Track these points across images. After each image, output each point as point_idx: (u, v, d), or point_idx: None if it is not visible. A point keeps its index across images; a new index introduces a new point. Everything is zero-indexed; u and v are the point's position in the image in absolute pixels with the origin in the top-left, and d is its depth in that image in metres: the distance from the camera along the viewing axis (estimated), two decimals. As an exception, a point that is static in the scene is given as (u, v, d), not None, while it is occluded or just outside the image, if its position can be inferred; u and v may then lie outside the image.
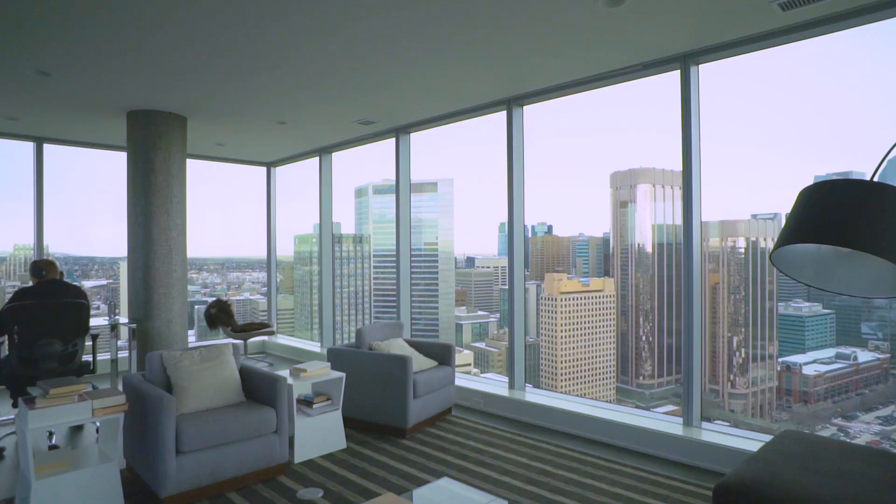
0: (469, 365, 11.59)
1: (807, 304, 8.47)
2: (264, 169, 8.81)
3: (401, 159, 6.35)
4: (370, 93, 5.09)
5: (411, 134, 6.40)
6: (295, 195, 9.08)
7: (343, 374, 4.24)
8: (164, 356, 3.66)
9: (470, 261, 13.00)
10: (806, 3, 3.29)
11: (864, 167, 7.04)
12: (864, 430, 7.37)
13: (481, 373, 11.18)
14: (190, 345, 5.49)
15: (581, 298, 10.99)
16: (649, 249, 10.58)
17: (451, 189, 13.29)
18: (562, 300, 10.98)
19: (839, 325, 8.26)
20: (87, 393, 3.06)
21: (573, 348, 10.92)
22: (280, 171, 8.83)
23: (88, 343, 4.70)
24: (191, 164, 6.50)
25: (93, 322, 4.66)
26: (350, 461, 3.94)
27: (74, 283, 5.04)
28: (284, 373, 4.21)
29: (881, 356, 7.59)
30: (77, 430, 4.61)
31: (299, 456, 3.93)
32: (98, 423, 3.43)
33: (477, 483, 3.53)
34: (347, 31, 3.71)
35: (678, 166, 4.11)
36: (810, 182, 2.30)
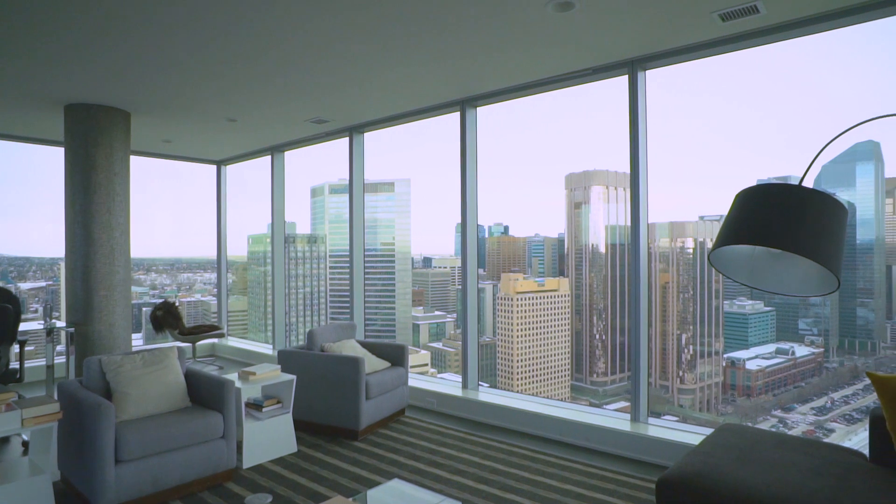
0: (426, 365, 11.59)
1: (750, 302, 8.84)
2: (214, 167, 8.57)
3: (354, 159, 6.29)
4: (323, 91, 5.02)
5: (365, 133, 6.35)
6: (249, 194, 8.88)
7: (294, 377, 4.17)
8: (104, 361, 3.50)
9: (427, 261, 13.00)
10: (743, 15, 3.43)
11: (802, 171, 7.40)
12: (800, 421, 7.75)
13: (438, 373, 11.20)
14: (134, 349, 5.28)
15: (536, 298, 11.13)
16: (602, 249, 10.83)
17: (409, 189, 13.26)
18: (518, 300, 11.10)
19: (779, 322, 8.64)
20: (15, 402, 2.90)
21: (529, 347, 11.05)
22: (232, 170, 8.60)
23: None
24: (136, 161, 6.26)
25: (26, 326, 4.42)
26: (301, 465, 3.87)
27: (2, 286, 4.77)
28: (233, 376, 4.10)
29: (816, 350, 8.00)
30: (3, 442, 4.36)
31: (248, 461, 3.84)
32: (26, 436, 3.26)
33: (429, 483, 3.53)
34: (300, 29, 3.64)
35: (648, 169, 4.23)
36: (754, 185, 2.40)
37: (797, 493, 2.21)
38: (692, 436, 3.87)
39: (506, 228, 12.36)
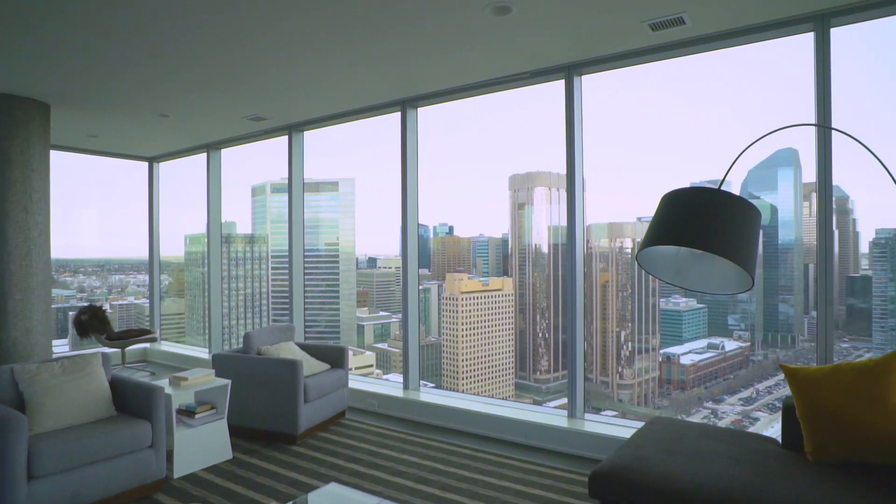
0: (371, 366, 11.48)
1: (684, 300, 9.21)
2: (146, 164, 8.18)
3: (294, 158, 6.17)
4: (260, 89, 4.88)
5: (305, 132, 6.23)
6: (187, 193, 8.54)
7: (228, 381, 4.03)
8: (17, 370, 3.27)
9: (372, 261, 12.89)
10: (671, 26, 3.58)
11: (733, 175, 7.79)
12: (729, 412, 8.14)
13: (384, 374, 11.11)
14: (57, 356, 4.97)
15: (481, 298, 11.22)
16: (545, 250, 11.03)
17: (353, 189, 13.09)
18: (462, 300, 11.16)
19: (710, 319, 9.03)
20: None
21: (474, 347, 11.12)
22: (166, 167, 8.24)
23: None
24: (60, 156, 5.90)
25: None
26: (236, 472, 3.75)
27: None
28: (164, 382, 3.93)
29: (743, 345, 8.42)
30: None
31: (179, 470, 3.68)
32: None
33: (368, 486, 3.50)
34: (233, 25, 3.53)
35: (583, 171, 4.34)
36: (677, 188, 2.51)
37: (717, 480, 2.32)
38: (625, 430, 4.01)
39: (451, 229, 12.41)
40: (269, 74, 4.50)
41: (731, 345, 8.57)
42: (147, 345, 7.72)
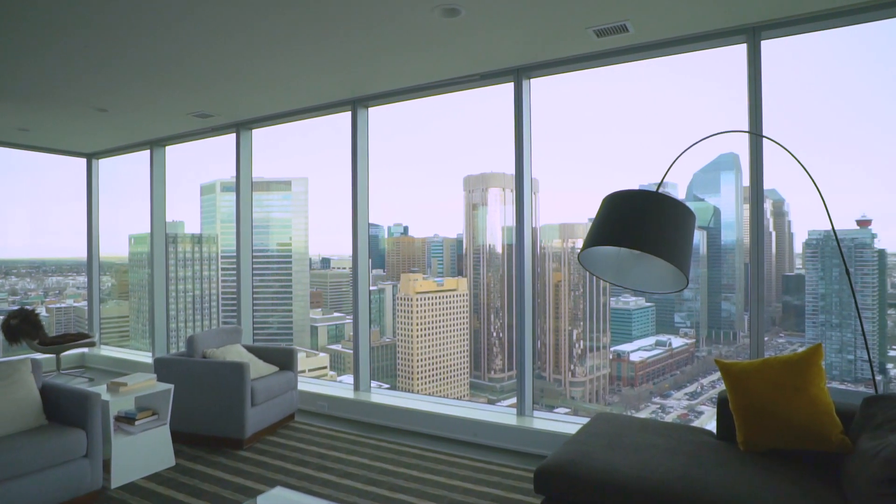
0: (325, 368, 11.33)
1: (633, 298, 9.47)
2: (84, 160, 7.82)
3: (242, 156, 6.03)
4: (205, 85, 4.75)
5: (254, 130, 6.10)
6: (131, 191, 8.20)
7: (171, 386, 3.91)
8: (-64, 378, 3.08)
9: (326, 262, 12.71)
10: (615, 33, 3.70)
11: (679, 178, 8.07)
12: (676, 406, 8.42)
13: (338, 375, 10.98)
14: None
15: (436, 298, 11.23)
16: (499, 250, 11.14)
17: (306, 188, 12.89)
18: (417, 300, 11.15)
19: (658, 317, 9.29)
20: None
21: (429, 347, 11.13)
22: (108, 164, 7.90)
23: None
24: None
25: None
26: (179, 479, 3.64)
27: None
28: (101, 388, 3.77)
29: (689, 341, 8.72)
30: None
31: (117, 480, 3.54)
32: None
33: (317, 489, 3.46)
34: (174, 16, 3.42)
35: (531, 172, 4.40)
36: (617, 190, 2.59)
37: (655, 471, 2.42)
38: (572, 426, 4.10)
39: (405, 229, 12.39)
40: (214, 71, 4.39)
41: (677, 342, 8.81)
42: (85, 350, 7.39)
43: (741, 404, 2.71)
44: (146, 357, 7.21)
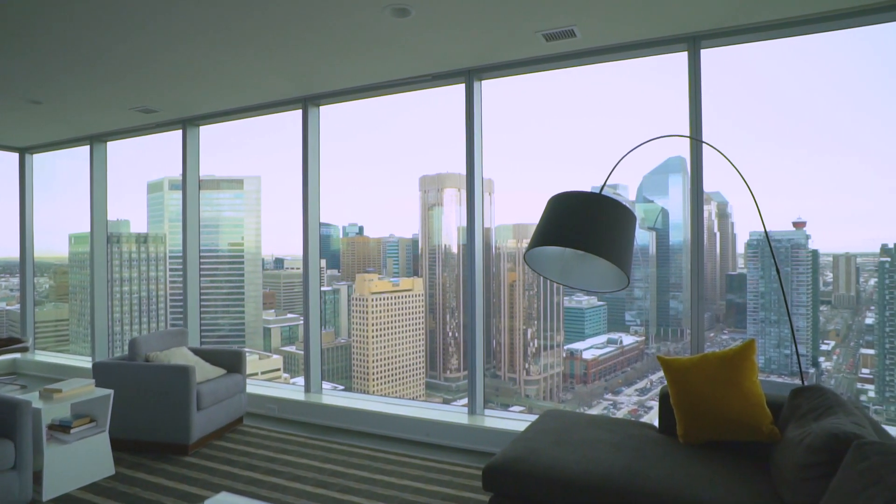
0: (278, 370, 11.11)
1: (586, 297, 9.67)
2: (16, 155, 7.41)
3: (189, 153, 5.85)
4: (148, 79, 4.58)
5: (201, 126, 5.93)
6: (71, 188, 7.81)
7: (110, 392, 3.75)
8: None
9: (279, 262, 12.47)
10: (563, 38, 3.78)
11: (630, 179, 8.29)
12: (627, 402, 8.65)
13: (292, 377, 10.79)
14: None
15: (391, 298, 11.18)
16: (455, 250, 11.19)
17: (259, 187, 12.60)
18: (372, 300, 11.08)
19: (609, 315, 9.50)
20: None
21: (384, 347, 11.06)
22: (44, 160, 7.51)
23: None
24: None
25: None
26: (118, 489, 3.50)
27: None
28: (33, 396, 3.59)
29: (639, 339, 8.96)
30: None
31: (49, 492, 3.38)
32: None
33: (265, 493, 3.40)
34: (113, 5, 3.28)
35: (482, 173, 4.44)
36: (562, 192, 2.65)
37: (600, 465, 2.49)
38: (522, 423, 4.15)
39: (361, 229, 12.29)
40: (157, 65, 4.24)
41: (628, 339, 9.01)
42: (18, 355, 7.00)
43: (681, 399, 2.81)
44: (86, 362, 6.90)
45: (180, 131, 5.87)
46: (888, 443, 1.72)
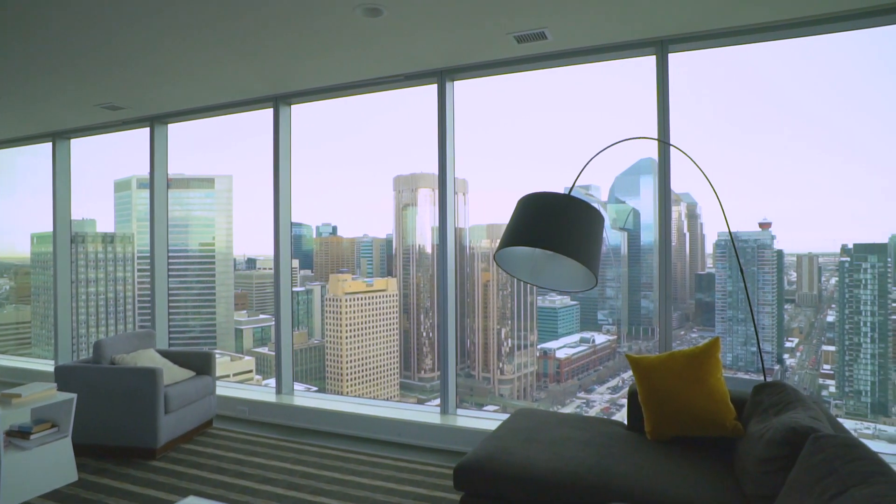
0: (251, 372, 10.97)
1: (559, 297, 9.77)
2: (-26, 151, 7.17)
3: (157, 152, 5.72)
4: (114, 75, 4.46)
5: (169, 125, 5.81)
6: (34, 186, 7.57)
7: (74, 395, 3.65)
8: None
9: (251, 262, 12.31)
10: (535, 40, 3.81)
11: (602, 180, 8.40)
12: (599, 400, 8.77)
13: (264, 379, 10.65)
14: None
15: (365, 298, 11.14)
16: (429, 250, 11.19)
17: (230, 186, 12.43)
18: (346, 300, 11.02)
19: (582, 314, 9.62)
20: None
21: (358, 348, 11.02)
22: (3, 157, 7.27)
23: None
24: None
25: None
26: (81, 495, 3.41)
27: None
28: (-10, 401, 3.48)
29: (611, 338, 9.10)
30: None
31: (8, 500, 3.26)
32: None
33: (234, 496, 3.35)
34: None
35: (456, 172, 4.45)
36: (531, 192, 2.67)
37: (570, 463, 2.52)
38: (494, 423, 4.18)
39: (334, 229, 12.21)
40: (122, 60, 4.13)
41: (600, 338, 9.12)
42: (-23, 359, 6.77)
43: (648, 396, 2.86)
44: (48, 366, 6.70)
45: (148, 129, 5.74)
46: (842, 436, 1.79)
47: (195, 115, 5.52)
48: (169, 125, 5.82)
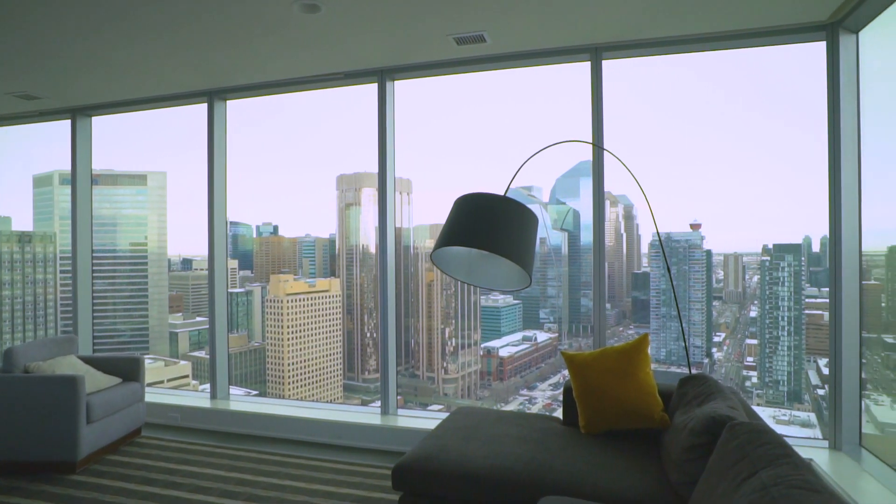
0: (186, 377, 10.55)
1: (502, 297, 9.91)
2: None
3: (79, 145, 5.40)
4: (29, 62, 4.17)
5: (94, 117, 5.49)
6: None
7: (-19, 408, 3.39)
8: None
9: (187, 262, 11.84)
10: (473, 42, 3.85)
11: (543, 181, 8.56)
12: (541, 397, 8.95)
13: (201, 384, 10.26)
14: None
15: (307, 299, 10.94)
16: (373, 250, 11.10)
17: (165, 183, 11.91)
18: (288, 301, 10.79)
19: (525, 313, 9.79)
20: None
21: (300, 350, 10.81)
22: None
23: None
24: None
25: None
26: (-10, 515, 3.18)
27: None
28: None
29: (552, 336, 9.30)
30: None
31: None
32: None
33: (162, 508, 3.21)
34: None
35: (399, 172, 4.43)
36: (467, 193, 2.69)
37: (506, 459, 2.56)
38: (434, 422, 4.19)
39: (275, 228, 11.92)
40: (36, 47, 3.87)
41: (542, 336, 9.30)
42: None
43: (582, 391, 2.95)
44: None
45: (69, 121, 5.40)
46: (755, 423, 1.90)
47: (123, 108, 5.25)
48: (94, 118, 5.50)
